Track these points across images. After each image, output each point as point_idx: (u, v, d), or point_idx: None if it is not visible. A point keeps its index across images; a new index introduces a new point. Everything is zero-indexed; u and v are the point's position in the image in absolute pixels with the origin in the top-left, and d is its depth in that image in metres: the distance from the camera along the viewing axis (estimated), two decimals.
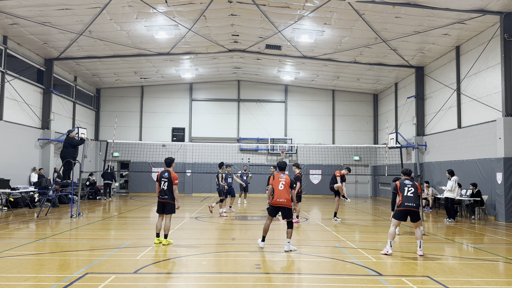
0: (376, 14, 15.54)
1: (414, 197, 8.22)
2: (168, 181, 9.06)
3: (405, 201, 8.19)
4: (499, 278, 6.63)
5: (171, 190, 9.04)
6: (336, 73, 24.50)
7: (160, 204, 9.12)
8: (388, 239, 8.23)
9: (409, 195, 8.21)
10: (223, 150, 26.73)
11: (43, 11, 15.61)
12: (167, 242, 8.95)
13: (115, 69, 23.86)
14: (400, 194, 8.31)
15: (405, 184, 8.32)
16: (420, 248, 8.14)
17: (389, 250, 8.12)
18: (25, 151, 19.02)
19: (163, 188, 9.07)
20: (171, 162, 9.36)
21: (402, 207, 8.24)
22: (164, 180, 9.09)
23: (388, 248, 8.14)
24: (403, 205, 8.23)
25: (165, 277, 6.49)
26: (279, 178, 8.71)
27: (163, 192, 9.06)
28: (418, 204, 8.25)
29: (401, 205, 8.28)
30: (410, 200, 8.18)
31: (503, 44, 14.51)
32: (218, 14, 17.15)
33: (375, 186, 27.98)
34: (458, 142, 17.81)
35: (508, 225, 13.44)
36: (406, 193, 8.21)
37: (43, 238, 9.70)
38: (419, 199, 8.36)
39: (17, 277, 6.15)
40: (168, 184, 9.05)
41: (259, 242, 8.79)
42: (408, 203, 8.17)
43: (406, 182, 8.42)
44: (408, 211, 8.23)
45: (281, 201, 8.57)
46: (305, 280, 6.37)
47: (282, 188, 8.60)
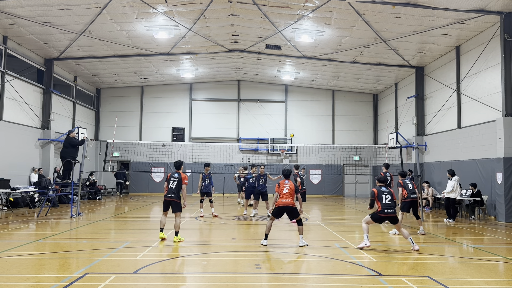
0: (376, 14, 15.54)
1: (391, 203, 8.78)
2: (178, 180, 9.47)
3: (385, 208, 8.71)
4: (499, 278, 6.62)
5: (178, 190, 9.45)
6: (336, 73, 24.50)
7: (166, 202, 9.50)
8: (364, 233, 8.74)
9: (388, 202, 8.75)
10: (223, 150, 26.73)
11: (43, 11, 15.60)
12: (178, 240, 9.25)
13: (115, 69, 23.86)
14: (379, 202, 8.79)
15: (382, 192, 8.84)
16: (414, 243, 8.55)
17: (367, 242, 8.58)
18: (25, 151, 19.02)
19: (171, 187, 9.45)
20: (180, 165, 9.90)
21: (383, 214, 8.74)
22: (173, 179, 9.52)
23: (366, 241, 8.60)
24: (384, 212, 8.73)
25: (165, 277, 6.49)
26: (284, 184, 9.23)
27: (170, 191, 9.44)
28: (395, 210, 8.80)
29: (381, 212, 8.77)
30: (389, 207, 8.72)
31: (503, 44, 14.50)
32: (218, 14, 17.15)
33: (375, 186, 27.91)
34: (458, 142, 17.80)
35: (508, 225, 13.43)
36: (385, 200, 8.74)
37: (43, 238, 9.70)
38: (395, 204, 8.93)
39: (17, 277, 6.15)
40: (177, 183, 9.45)
41: (263, 242, 8.95)
42: (388, 210, 8.70)
43: (383, 189, 8.96)
44: (388, 218, 8.77)
45: (286, 201, 8.99)
46: (305, 280, 6.36)
47: (287, 192, 9.10)
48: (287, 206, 8.97)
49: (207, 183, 14.77)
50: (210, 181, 14.96)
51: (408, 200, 11.11)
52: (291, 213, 9.04)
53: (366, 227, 8.82)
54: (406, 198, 11.10)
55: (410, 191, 11.12)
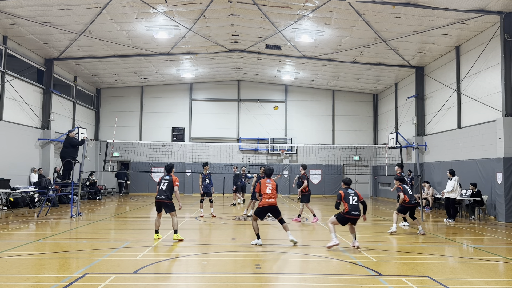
0: (376, 14, 15.54)
1: (358, 205, 8.81)
2: (168, 182, 9.53)
3: (352, 209, 8.67)
4: (499, 278, 6.62)
5: (169, 191, 9.47)
6: (336, 73, 24.50)
7: (157, 204, 9.60)
8: (331, 232, 8.71)
9: (354, 203, 8.75)
10: (223, 150, 26.73)
11: (43, 11, 15.61)
12: (178, 238, 9.27)
13: (115, 69, 23.86)
14: (346, 203, 8.77)
15: (349, 194, 8.82)
16: (355, 240, 8.83)
17: (335, 241, 8.58)
18: (25, 151, 19.02)
19: (161, 188, 9.50)
20: (171, 168, 9.94)
21: (349, 215, 8.70)
22: (164, 181, 9.59)
23: (334, 240, 8.58)
24: (350, 214, 8.69)
25: (165, 277, 6.49)
26: (266, 183, 9.22)
27: (161, 192, 9.49)
28: (359, 213, 8.80)
29: (347, 213, 8.72)
30: (356, 208, 8.73)
31: (503, 44, 14.50)
32: (218, 14, 17.15)
33: (375, 186, 27.98)
34: (458, 142, 17.80)
35: (508, 225, 13.43)
36: (352, 201, 8.72)
37: (43, 238, 9.70)
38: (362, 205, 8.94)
39: (17, 277, 6.15)
40: (167, 185, 9.49)
41: (256, 241, 8.96)
42: (355, 212, 8.70)
43: (349, 191, 8.94)
44: (353, 219, 8.78)
45: (270, 201, 9.04)
46: (305, 280, 6.36)
47: (270, 192, 9.12)
48: (271, 206, 9.03)
49: (206, 183, 14.74)
50: (210, 181, 14.92)
51: (409, 206, 11.27)
52: (275, 212, 9.10)
53: (332, 227, 8.79)
54: (407, 203, 11.22)
55: (411, 197, 11.24)
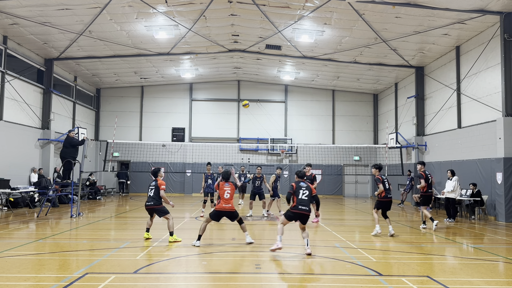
0: (376, 14, 15.54)
1: (308, 200, 8.17)
2: (155, 188, 9.55)
3: (299, 204, 8.08)
4: (499, 278, 6.62)
5: (157, 196, 9.48)
6: (336, 73, 24.50)
7: (148, 210, 9.69)
8: (277, 234, 8.13)
9: (303, 198, 8.12)
10: (223, 150, 26.72)
11: (43, 11, 15.60)
12: (174, 240, 9.30)
13: (115, 69, 23.86)
14: (295, 197, 8.18)
15: (300, 187, 8.21)
16: (308, 246, 7.98)
17: (278, 244, 8.00)
18: (25, 151, 19.02)
19: (149, 195, 9.56)
20: (156, 172, 9.92)
21: (296, 209, 8.10)
22: (151, 187, 9.63)
23: (278, 243, 8.02)
24: (297, 208, 8.10)
25: (165, 277, 6.49)
26: (224, 187, 9.13)
27: (149, 199, 9.55)
28: (310, 208, 8.20)
29: (294, 207, 8.13)
30: (304, 203, 8.10)
31: (503, 44, 14.50)
32: (218, 14, 17.15)
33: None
34: (458, 142, 17.80)
35: (508, 225, 13.43)
36: (301, 195, 8.11)
37: (43, 238, 9.70)
38: (311, 202, 8.26)
39: (17, 277, 6.15)
40: (154, 190, 9.53)
41: (195, 243, 8.86)
42: (302, 207, 8.07)
43: (301, 184, 8.33)
44: (300, 215, 8.12)
45: (227, 206, 8.96)
46: (305, 280, 6.36)
47: (228, 197, 9.03)
48: (228, 211, 8.96)
49: (209, 183, 14.63)
50: (213, 181, 14.79)
51: (385, 200, 10.74)
52: (231, 217, 9.06)
53: (281, 228, 8.19)
54: (383, 198, 10.70)
55: (387, 191, 10.72)
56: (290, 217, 8.23)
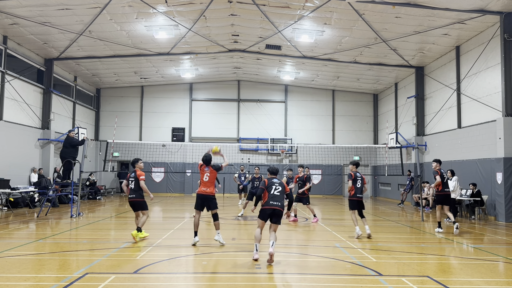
0: (376, 14, 15.54)
1: (280, 196, 7.65)
2: (135, 180, 9.45)
3: (271, 199, 7.56)
4: (499, 278, 6.62)
5: (138, 188, 9.39)
6: (336, 73, 24.50)
7: (130, 203, 9.61)
8: (254, 242, 7.47)
9: (276, 193, 7.61)
10: (223, 150, 26.46)
11: (43, 11, 15.60)
12: (143, 236, 9.24)
13: (115, 69, 23.86)
14: (267, 192, 7.68)
15: (273, 183, 7.72)
16: (272, 246, 7.23)
17: (255, 255, 7.33)
18: (25, 151, 19.02)
19: (131, 187, 9.47)
20: (134, 162, 9.75)
21: (267, 205, 7.58)
22: (131, 179, 9.52)
23: (255, 254, 7.34)
24: (268, 204, 7.57)
25: (165, 277, 6.49)
26: (204, 169, 9.01)
27: (131, 191, 9.46)
28: (283, 204, 7.67)
29: (265, 204, 7.62)
30: (276, 199, 7.57)
31: (503, 44, 14.50)
32: (218, 14, 17.15)
33: (375, 186, 27.97)
34: (458, 142, 17.80)
35: (508, 225, 13.44)
36: (273, 191, 7.61)
37: (43, 238, 9.70)
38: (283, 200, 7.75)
39: (17, 277, 6.15)
40: (135, 183, 9.44)
41: (194, 241, 8.83)
42: (274, 202, 7.54)
43: (274, 180, 7.82)
44: (272, 211, 7.54)
45: (205, 190, 8.81)
46: (305, 280, 6.36)
47: (207, 180, 8.87)
48: (206, 195, 8.79)
49: None
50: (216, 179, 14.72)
51: (353, 199, 10.44)
52: (209, 204, 8.83)
53: (258, 235, 7.50)
54: (352, 197, 10.37)
55: (357, 189, 10.33)
56: (263, 216, 7.64)
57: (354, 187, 10.38)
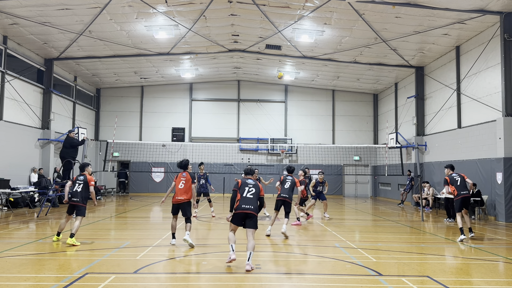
0: (376, 14, 15.54)
1: (253, 199, 7.21)
2: (83, 183, 9.22)
3: (242, 203, 7.15)
4: (499, 278, 6.62)
5: (85, 192, 9.18)
6: (336, 73, 24.50)
7: (71, 206, 9.24)
8: (229, 243, 7.11)
9: (248, 196, 7.20)
10: (223, 150, 26.73)
11: (43, 11, 15.60)
12: (72, 243, 8.61)
13: (115, 69, 23.86)
14: (239, 195, 7.27)
15: (246, 184, 7.33)
16: (249, 261, 6.74)
17: (231, 255, 6.98)
18: (25, 151, 19.01)
19: (76, 190, 9.14)
20: (84, 166, 9.58)
21: (239, 210, 7.12)
22: (79, 182, 9.24)
23: (231, 253, 7.00)
24: (240, 208, 7.12)
25: (165, 277, 6.49)
26: (181, 177, 8.99)
27: (75, 194, 9.10)
28: (256, 208, 7.20)
29: (237, 208, 7.15)
30: (248, 202, 7.14)
31: (503, 44, 14.50)
32: (218, 14, 17.15)
33: (375, 186, 27.97)
34: (458, 142, 17.80)
35: (508, 225, 13.44)
36: (246, 193, 7.21)
37: (43, 238, 9.70)
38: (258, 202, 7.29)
39: (17, 277, 6.15)
40: (83, 187, 9.17)
41: (172, 241, 8.92)
42: (245, 205, 7.11)
43: (248, 181, 7.43)
44: (245, 215, 7.12)
45: (180, 199, 8.86)
46: (305, 280, 6.36)
47: (182, 187, 8.88)
48: (181, 203, 8.85)
49: (202, 183, 14.52)
50: (207, 180, 14.77)
51: (279, 199, 10.71)
52: (184, 210, 8.92)
53: (232, 237, 7.15)
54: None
55: (283, 190, 10.71)
56: (235, 221, 7.18)
57: (280, 188, 10.88)
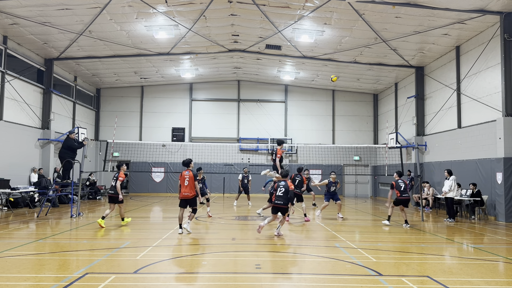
0: (376, 14, 15.54)
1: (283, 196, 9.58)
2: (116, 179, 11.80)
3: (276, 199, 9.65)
4: (499, 278, 6.62)
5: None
6: (336, 73, 24.48)
7: (110, 197, 11.82)
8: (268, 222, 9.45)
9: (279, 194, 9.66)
10: (223, 150, 26.73)
11: (43, 11, 15.61)
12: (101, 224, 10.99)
13: (115, 69, 23.86)
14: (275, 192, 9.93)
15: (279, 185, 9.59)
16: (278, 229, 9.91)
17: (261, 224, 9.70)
18: (25, 151, 19.01)
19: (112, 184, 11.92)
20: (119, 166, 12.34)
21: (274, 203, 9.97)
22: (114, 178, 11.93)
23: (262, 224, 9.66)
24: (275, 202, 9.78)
25: (165, 277, 6.49)
26: (185, 175, 10.42)
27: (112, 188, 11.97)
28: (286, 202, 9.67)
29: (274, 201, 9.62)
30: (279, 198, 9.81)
31: (503, 44, 14.50)
32: (218, 14, 17.15)
33: (375, 186, 27.98)
34: (458, 142, 17.80)
35: (508, 225, 13.44)
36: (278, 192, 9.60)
37: (43, 238, 9.70)
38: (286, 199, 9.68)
39: (17, 277, 6.15)
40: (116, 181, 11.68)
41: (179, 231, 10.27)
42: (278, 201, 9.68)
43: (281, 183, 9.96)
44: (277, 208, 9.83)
45: (186, 195, 10.28)
46: (305, 280, 6.36)
47: (187, 184, 10.28)
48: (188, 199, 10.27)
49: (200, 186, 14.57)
50: (204, 184, 15.15)
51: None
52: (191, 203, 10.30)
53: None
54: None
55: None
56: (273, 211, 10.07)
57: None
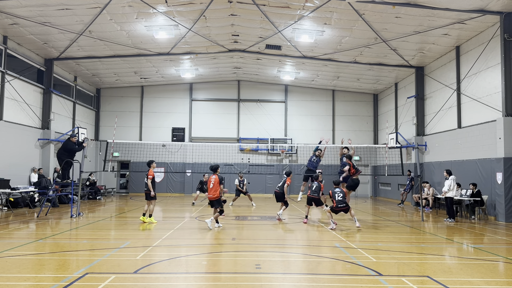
0: (376, 14, 15.54)
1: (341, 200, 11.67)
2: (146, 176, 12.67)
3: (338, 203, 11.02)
4: (499, 278, 6.63)
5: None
6: (336, 73, 24.50)
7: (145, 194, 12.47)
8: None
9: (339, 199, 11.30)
10: (223, 150, 26.73)
11: (43, 11, 15.60)
12: (149, 221, 12.14)
13: (115, 69, 23.86)
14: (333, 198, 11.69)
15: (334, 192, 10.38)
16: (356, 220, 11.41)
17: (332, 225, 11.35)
18: (25, 151, 19.01)
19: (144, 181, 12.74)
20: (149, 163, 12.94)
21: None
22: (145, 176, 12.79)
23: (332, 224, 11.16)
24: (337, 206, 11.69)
25: (165, 277, 6.49)
26: (211, 179, 11.61)
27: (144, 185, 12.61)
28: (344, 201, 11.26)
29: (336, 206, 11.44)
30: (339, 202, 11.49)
31: (503, 44, 14.50)
32: (218, 14, 17.15)
33: (375, 186, 27.97)
34: (458, 142, 17.80)
35: (508, 225, 13.44)
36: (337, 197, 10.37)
37: (43, 238, 9.70)
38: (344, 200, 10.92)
39: (17, 277, 6.15)
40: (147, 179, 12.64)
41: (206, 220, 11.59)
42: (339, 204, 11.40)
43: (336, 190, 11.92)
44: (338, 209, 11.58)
45: (210, 196, 11.58)
46: (305, 280, 6.36)
47: (212, 187, 11.47)
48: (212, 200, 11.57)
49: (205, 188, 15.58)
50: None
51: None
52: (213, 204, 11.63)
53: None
54: None
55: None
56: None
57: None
